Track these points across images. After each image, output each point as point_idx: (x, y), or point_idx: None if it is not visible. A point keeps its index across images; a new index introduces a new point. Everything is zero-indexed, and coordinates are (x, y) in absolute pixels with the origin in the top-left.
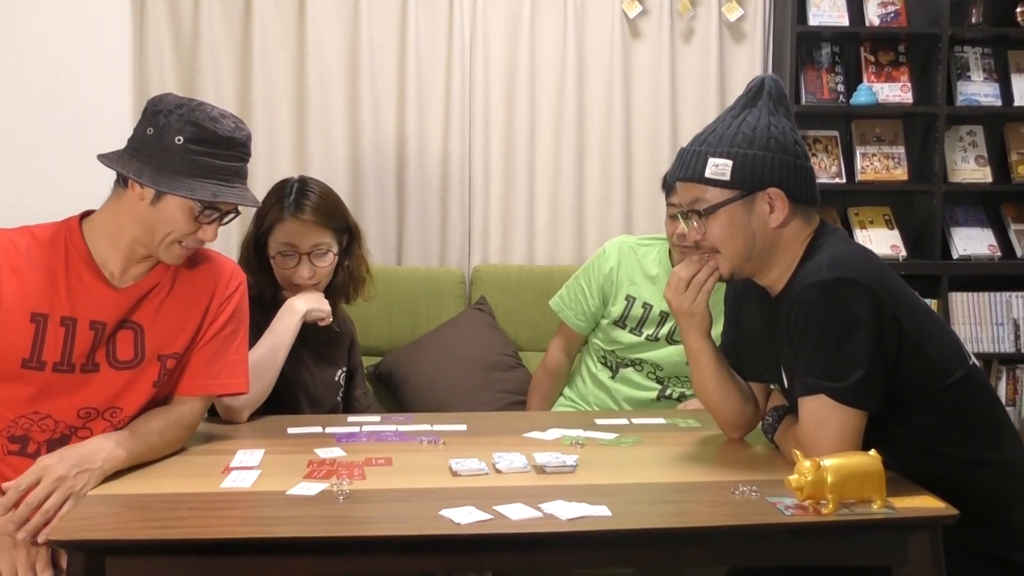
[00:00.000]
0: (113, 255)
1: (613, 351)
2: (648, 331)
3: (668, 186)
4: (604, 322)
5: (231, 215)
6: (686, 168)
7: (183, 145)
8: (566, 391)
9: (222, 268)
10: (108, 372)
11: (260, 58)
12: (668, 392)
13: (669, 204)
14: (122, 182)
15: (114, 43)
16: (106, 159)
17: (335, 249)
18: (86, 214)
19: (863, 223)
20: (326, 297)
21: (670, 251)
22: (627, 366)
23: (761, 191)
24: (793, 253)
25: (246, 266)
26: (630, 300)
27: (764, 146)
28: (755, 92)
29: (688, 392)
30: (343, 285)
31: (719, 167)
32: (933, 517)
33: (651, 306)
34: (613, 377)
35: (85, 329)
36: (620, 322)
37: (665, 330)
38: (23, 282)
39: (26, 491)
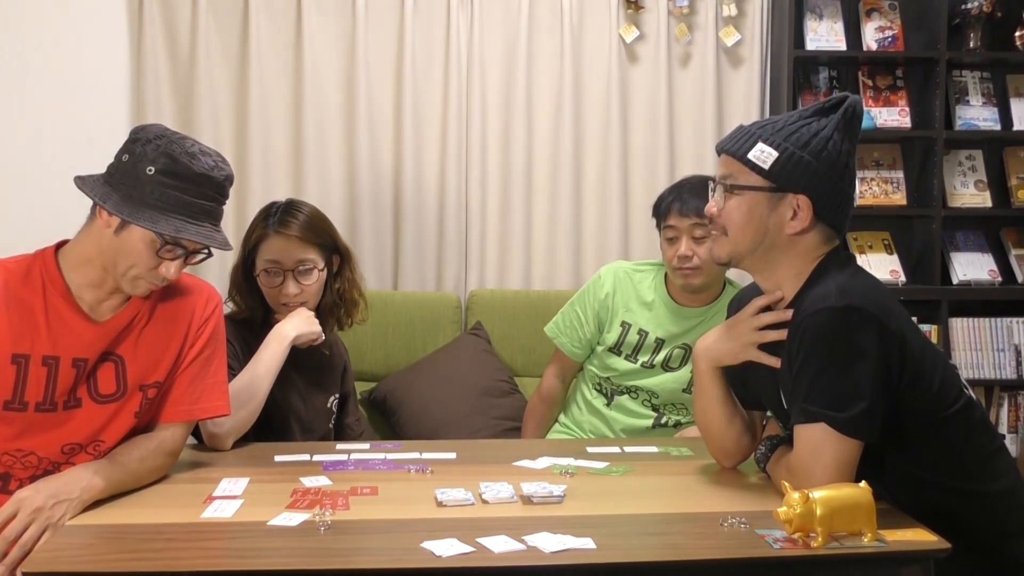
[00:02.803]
0: (87, 287)
1: (608, 378)
2: (644, 358)
3: (663, 211)
4: (599, 349)
5: (201, 255)
6: (734, 142)
7: (153, 176)
8: (561, 417)
9: (198, 292)
10: (91, 407)
11: (256, 82)
12: (664, 420)
13: (667, 227)
14: (95, 208)
15: (111, 69)
16: (80, 182)
17: (321, 266)
18: (61, 244)
19: (862, 248)
20: (319, 319)
21: (665, 276)
22: (622, 393)
23: (792, 194)
24: (799, 268)
25: (236, 290)
26: (625, 327)
27: (815, 154)
28: (833, 105)
29: (684, 420)
30: (333, 307)
31: (764, 154)
32: (926, 551)
33: (646, 332)
34: (608, 404)
35: (67, 367)
36: (615, 349)
37: (661, 357)
38: (1, 322)
39: (3, 525)
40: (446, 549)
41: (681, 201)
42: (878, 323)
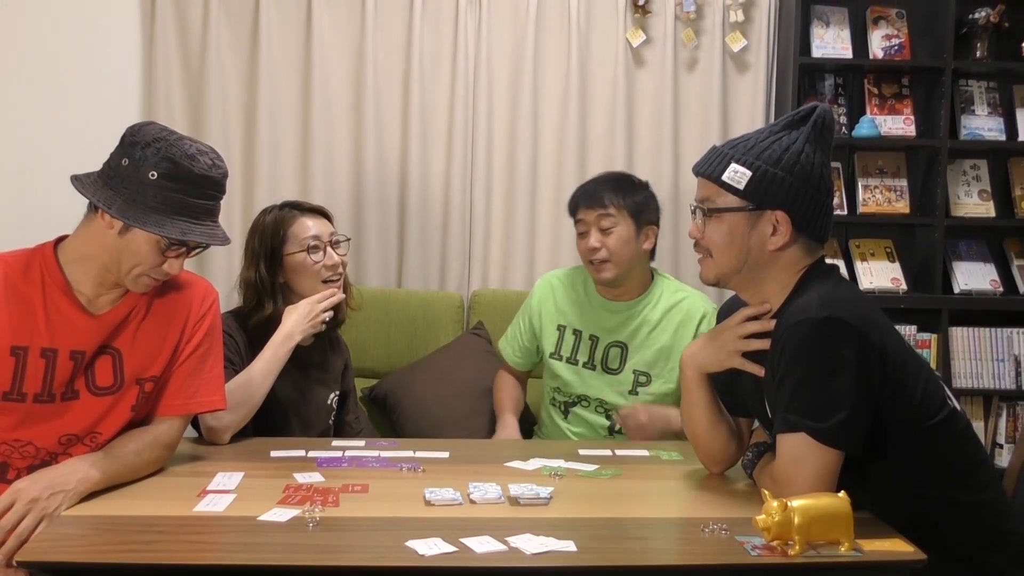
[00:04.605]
0: (85, 281)
1: (558, 388)
2: (583, 358)
3: (573, 206)
4: (546, 358)
5: (198, 249)
6: (708, 165)
7: (156, 181)
8: (537, 437)
9: (195, 288)
10: (88, 399)
11: (266, 81)
12: (618, 427)
13: (577, 221)
14: (94, 208)
15: (123, 67)
16: (79, 184)
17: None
18: (60, 240)
19: (864, 255)
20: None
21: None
22: (574, 404)
23: (770, 211)
24: (784, 281)
25: (263, 292)
26: (561, 329)
27: (788, 169)
28: (802, 117)
29: None
30: (347, 284)
31: (737, 174)
32: (901, 561)
33: (580, 331)
34: (565, 418)
35: (65, 359)
36: (556, 354)
37: (599, 356)
38: (0, 315)
39: (0, 515)
40: (429, 548)
41: (586, 194)
42: (858, 334)
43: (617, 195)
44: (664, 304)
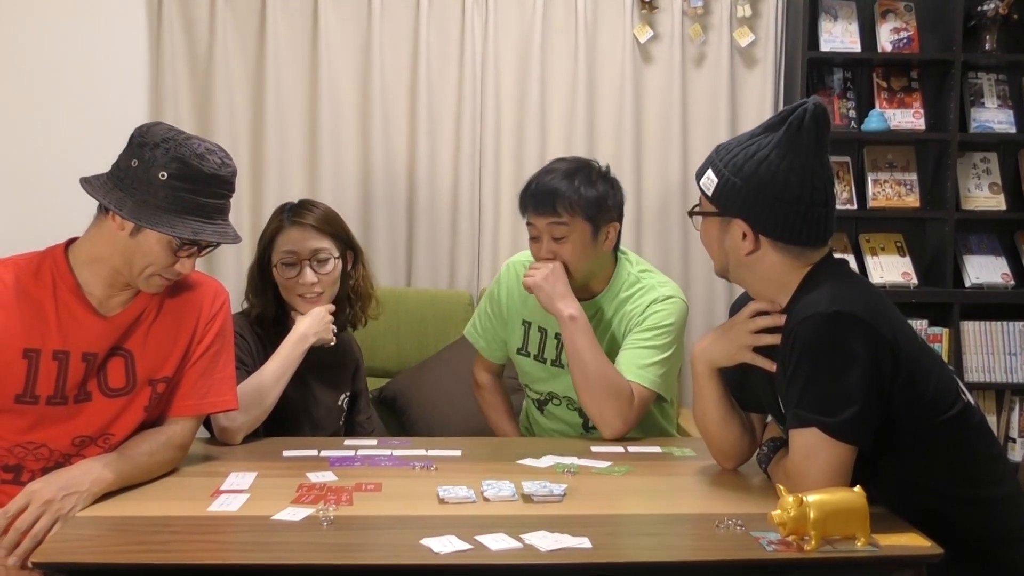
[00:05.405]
0: (96, 283)
1: (527, 385)
2: (550, 356)
3: (523, 207)
4: (511, 353)
5: (210, 248)
6: (699, 168)
7: (167, 181)
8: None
9: (206, 288)
10: (101, 401)
11: (273, 81)
12: (591, 423)
13: (528, 224)
14: (104, 209)
15: (130, 68)
16: (88, 186)
17: (336, 255)
18: (71, 242)
19: (874, 250)
20: (336, 311)
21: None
22: (546, 402)
23: (734, 218)
24: (784, 282)
25: (251, 289)
26: (526, 325)
27: (747, 178)
28: (781, 119)
29: None
30: (348, 300)
31: (709, 180)
32: (918, 556)
33: (545, 330)
34: (542, 413)
35: (77, 361)
36: (523, 350)
37: (565, 355)
38: (13, 318)
39: (15, 517)
40: (444, 546)
41: (535, 197)
42: (869, 328)
43: (571, 195)
44: (620, 299)
